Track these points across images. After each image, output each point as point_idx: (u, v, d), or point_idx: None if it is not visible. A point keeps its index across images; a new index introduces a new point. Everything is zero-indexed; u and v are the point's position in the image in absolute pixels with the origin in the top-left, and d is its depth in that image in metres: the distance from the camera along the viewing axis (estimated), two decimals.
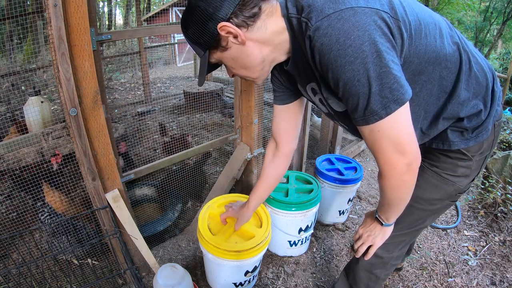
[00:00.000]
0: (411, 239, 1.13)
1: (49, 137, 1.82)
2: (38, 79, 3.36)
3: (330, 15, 0.64)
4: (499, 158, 2.33)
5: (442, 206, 1.02)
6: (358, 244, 1.03)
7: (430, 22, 0.77)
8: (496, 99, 0.90)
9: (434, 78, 0.80)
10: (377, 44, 0.64)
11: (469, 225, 2.13)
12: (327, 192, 1.94)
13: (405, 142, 0.71)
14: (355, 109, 0.71)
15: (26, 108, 2.01)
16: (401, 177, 0.76)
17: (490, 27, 13.55)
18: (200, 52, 0.82)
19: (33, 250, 1.64)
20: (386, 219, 0.95)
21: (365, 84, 0.66)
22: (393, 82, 0.66)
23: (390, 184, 0.79)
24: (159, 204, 2.06)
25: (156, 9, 12.75)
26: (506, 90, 6.02)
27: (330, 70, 0.68)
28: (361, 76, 0.65)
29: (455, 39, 0.82)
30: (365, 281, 1.21)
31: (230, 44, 0.78)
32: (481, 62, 0.87)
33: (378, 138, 0.72)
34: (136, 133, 3.22)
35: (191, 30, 0.79)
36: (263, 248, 1.39)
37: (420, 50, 0.74)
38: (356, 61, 0.64)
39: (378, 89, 0.66)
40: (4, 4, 3.26)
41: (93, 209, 1.30)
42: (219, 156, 2.70)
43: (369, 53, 0.63)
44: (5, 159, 1.71)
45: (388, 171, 0.76)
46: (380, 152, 0.74)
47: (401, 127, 0.70)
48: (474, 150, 0.91)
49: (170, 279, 1.25)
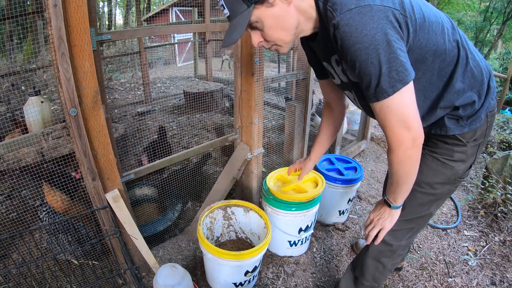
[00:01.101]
0: (418, 227, 1.19)
1: (49, 137, 1.82)
2: (38, 79, 3.36)
3: (352, 10, 0.77)
4: (499, 158, 2.33)
5: (444, 191, 1.11)
6: (369, 228, 1.12)
7: (434, 21, 0.90)
8: (491, 93, 1.02)
9: (433, 68, 0.93)
10: (388, 35, 0.78)
11: (469, 225, 2.13)
12: (327, 192, 1.94)
13: (410, 118, 0.83)
14: (368, 87, 0.84)
15: (26, 108, 2.00)
16: (407, 152, 0.88)
17: (490, 27, 13.56)
18: (241, 8, 0.83)
19: (33, 250, 1.64)
20: (394, 200, 1.04)
21: (376, 65, 0.79)
22: (399, 65, 0.79)
23: (397, 159, 0.91)
24: (159, 204, 2.06)
25: (156, 9, 12.74)
26: (506, 90, 6.02)
27: (349, 53, 0.81)
28: (374, 59, 0.79)
29: (455, 37, 0.94)
30: (372, 271, 1.25)
31: (277, 2, 0.83)
32: (478, 60, 0.99)
33: (387, 113, 0.85)
34: (136, 133, 3.21)
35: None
36: (263, 248, 1.39)
37: (422, 43, 0.88)
38: (370, 47, 0.78)
39: (387, 71, 0.79)
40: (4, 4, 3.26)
41: (93, 209, 1.30)
42: (219, 156, 2.70)
43: (380, 41, 0.77)
44: (5, 159, 1.70)
45: (395, 145, 0.88)
46: (389, 127, 0.86)
47: (407, 104, 0.83)
48: (468, 137, 1.02)
49: (170, 279, 1.25)
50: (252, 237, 1.71)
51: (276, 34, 0.90)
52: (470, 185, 2.68)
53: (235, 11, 0.83)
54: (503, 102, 6.01)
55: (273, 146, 2.43)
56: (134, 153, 2.78)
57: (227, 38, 0.88)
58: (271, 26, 0.87)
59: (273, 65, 7.09)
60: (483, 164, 2.97)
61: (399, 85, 0.81)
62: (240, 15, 0.83)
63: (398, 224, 1.11)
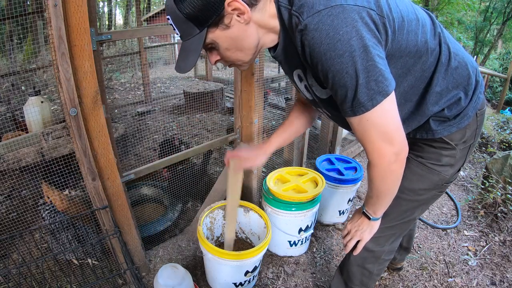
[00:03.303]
0: (401, 232, 1.14)
1: (49, 137, 1.82)
2: (38, 79, 3.36)
3: (320, 11, 0.67)
4: (499, 158, 2.33)
5: (429, 197, 1.03)
6: (347, 239, 1.06)
7: (413, 19, 0.81)
8: (479, 88, 0.93)
9: (415, 71, 0.84)
10: (364, 39, 0.67)
11: (469, 225, 2.13)
12: (327, 192, 1.94)
13: (393, 131, 0.75)
14: (344, 101, 0.74)
15: (26, 108, 2.01)
16: (389, 167, 0.79)
17: (490, 27, 13.56)
18: (192, 31, 0.74)
19: (33, 250, 1.64)
20: (374, 212, 0.97)
21: (353, 76, 0.69)
22: (378, 75, 0.70)
23: (378, 174, 0.83)
24: (159, 204, 2.06)
25: (156, 9, 12.74)
26: (506, 90, 6.02)
27: (320, 63, 0.71)
28: (349, 68, 0.69)
29: (437, 33, 0.86)
30: (358, 276, 1.21)
31: (233, 22, 0.75)
32: (462, 55, 0.90)
33: (367, 128, 0.76)
34: (136, 133, 3.21)
35: (187, 4, 0.70)
36: (263, 248, 1.39)
37: (402, 45, 0.79)
38: (345, 54, 0.68)
39: (365, 81, 0.70)
40: (4, 4, 3.26)
41: (93, 209, 1.30)
42: (219, 156, 2.70)
43: (356, 47, 0.67)
44: (5, 159, 1.71)
45: (376, 160, 0.80)
46: (369, 141, 0.78)
47: (388, 117, 0.74)
48: (457, 139, 0.94)
49: (170, 279, 1.25)
50: (252, 237, 1.71)
51: (234, 56, 0.82)
52: (470, 185, 2.68)
53: (187, 34, 0.75)
54: (503, 102, 6.01)
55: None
56: (134, 153, 2.78)
57: (181, 63, 0.80)
58: (228, 48, 0.79)
59: (273, 65, 7.08)
60: (483, 164, 2.97)
61: (379, 98, 0.71)
62: (193, 38, 0.75)
63: (380, 230, 1.04)
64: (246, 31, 0.77)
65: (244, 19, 0.74)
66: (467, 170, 2.93)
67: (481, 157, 3.16)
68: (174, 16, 0.74)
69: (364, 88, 0.70)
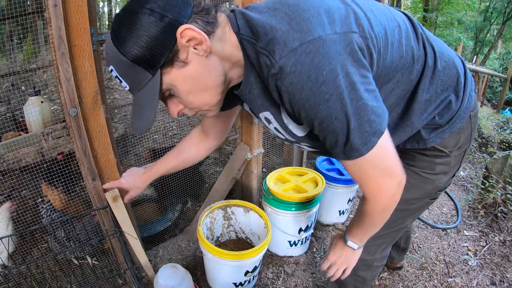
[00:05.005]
0: (392, 240, 1.11)
1: (49, 137, 1.82)
2: (38, 79, 3.36)
3: (296, 49, 0.56)
4: (499, 158, 2.33)
5: (421, 205, 0.99)
6: (332, 271, 0.99)
7: (395, 27, 0.72)
8: (469, 85, 0.85)
9: (402, 82, 0.76)
10: (351, 76, 0.58)
11: (469, 225, 2.13)
12: (327, 192, 1.94)
13: (392, 165, 0.69)
14: (334, 146, 0.67)
15: (26, 108, 2.00)
16: (393, 198, 0.74)
17: (490, 27, 13.56)
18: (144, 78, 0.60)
19: (33, 250, 1.64)
20: (360, 241, 0.93)
21: (343, 121, 0.61)
22: (370, 113, 0.62)
23: (379, 208, 0.77)
24: (159, 204, 2.06)
25: None
26: (506, 90, 6.02)
27: (303, 110, 0.61)
28: (338, 113, 0.60)
29: (419, 35, 0.77)
30: (352, 282, 1.19)
31: (191, 56, 0.61)
32: (446, 53, 0.82)
33: (364, 168, 0.69)
34: None
35: (131, 44, 0.57)
36: (263, 248, 1.39)
37: (388, 62, 0.70)
38: (332, 98, 0.58)
39: (357, 125, 0.61)
40: (4, 4, 3.26)
41: (93, 209, 1.30)
42: (219, 156, 2.70)
43: (344, 87, 0.58)
44: (5, 159, 1.70)
45: (378, 196, 0.74)
46: (368, 180, 0.71)
47: (385, 153, 0.68)
48: (451, 145, 0.87)
49: (171, 279, 1.25)
50: (252, 237, 1.71)
51: (198, 100, 0.67)
52: (470, 185, 2.68)
53: (138, 83, 0.61)
54: (503, 102, 6.01)
55: (273, 146, 2.43)
56: (134, 153, 2.78)
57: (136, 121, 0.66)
58: (190, 90, 0.65)
59: None
60: (483, 164, 2.97)
61: (375, 139, 0.64)
62: (145, 87, 0.61)
63: (371, 239, 0.98)
64: (208, 66, 0.63)
65: (204, 50, 0.61)
66: (467, 170, 2.93)
67: (481, 157, 3.16)
68: (118, 63, 0.60)
69: (357, 132, 0.62)
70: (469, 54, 12.69)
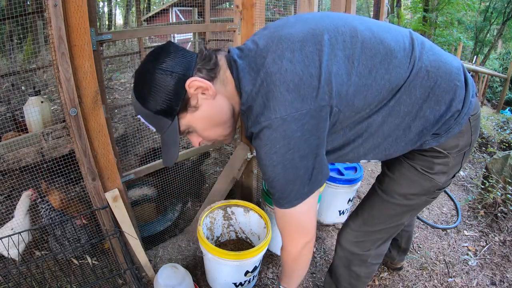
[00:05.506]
0: (388, 237, 1.11)
1: (49, 137, 1.82)
2: (38, 79, 3.36)
3: (261, 123, 0.71)
4: (499, 158, 2.33)
5: (419, 202, 0.99)
6: None
7: (381, 53, 0.75)
8: (470, 90, 0.84)
9: (397, 110, 0.79)
10: (301, 150, 0.72)
11: (469, 225, 2.13)
12: (327, 192, 1.94)
13: (310, 226, 0.85)
14: (272, 194, 0.81)
15: (26, 108, 2.00)
16: (301, 251, 0.90)
17: (490, 27, 13.56)
18: (165, 124, 0.76)
19: (33, 250, 1.64)
20: (289, 286, 1.08)
21: (283, 184, 0.76)
22: (310, 180, 0.77)
23: (292, 256, 0.94)
24: (159, 204, 2.06)
25: (156, 9, 12.74)
26: (506, 90, 6.02)
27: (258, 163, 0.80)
28: (281, 178, 0.75)
29: (412, 58, 0.78)
30: (346, 278, 1.20)
31: (201, 101, 0.75)
32: (442, 67, 0.81)
33: (288, 221, 0.85)
34: (136, 133, 3.21)
35: (151, 100, 0.73)
36: (263, 248, 1.39)
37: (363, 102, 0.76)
38: (278, 165, 0.73)
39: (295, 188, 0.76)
40: (4, 4, 3.26)
41: (93, 209, 1.30)
42: (219, 156, 2.70)
43: (290, 159, 0.72)
44: (5, 159, 1.70)
45: (291, 247, 0.91)
46: (287, 232, 0.88)
47: (309, 214, 0.83)
48: (449, 147, 0.88)
49: (171, 279, 1.25)
50: (252, 237, 1.71)
51: (213, 134, 0.83)
52: (470, 185, 2.68)
53: (161, 127, 0.77)
54: (503, 102, 6.01)
55: None
56: (134, 153, 2.78)
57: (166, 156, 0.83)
58: (204, 128, 0.80)
59: None
60: (483, 164, 2.97)
61: (304, 197, 0.79)
62: (168, 130, 0.77)
63: (366, 234, 1.05)
64: (216, 106, 0.77)
65: (210, 94, 0.75)
66: (467, 170, 2.93)
67: (481, 157, 3.16)
68: (143, 114, 0.76)
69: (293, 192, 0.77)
70: (469, 54, 12.69)
